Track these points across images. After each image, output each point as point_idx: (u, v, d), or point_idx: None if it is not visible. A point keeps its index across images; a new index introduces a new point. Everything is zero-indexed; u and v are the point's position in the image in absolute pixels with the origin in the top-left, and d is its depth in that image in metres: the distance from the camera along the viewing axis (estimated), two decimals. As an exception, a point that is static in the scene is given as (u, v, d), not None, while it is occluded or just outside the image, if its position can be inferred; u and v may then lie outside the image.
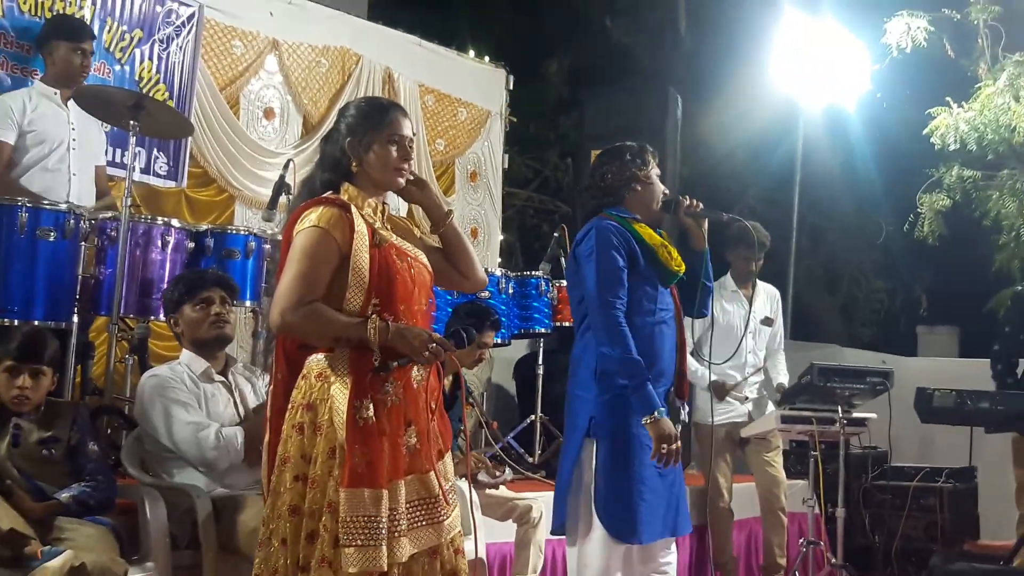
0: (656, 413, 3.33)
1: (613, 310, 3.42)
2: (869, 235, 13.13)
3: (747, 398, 5.69)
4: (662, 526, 3.46)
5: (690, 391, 3.79)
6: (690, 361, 5.49)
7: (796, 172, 9.03)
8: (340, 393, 2.70)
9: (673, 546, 3.55)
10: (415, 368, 2.81)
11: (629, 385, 3.37)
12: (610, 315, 3.41)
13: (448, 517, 2.81)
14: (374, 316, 2.71)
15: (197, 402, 3.75)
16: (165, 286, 4.49)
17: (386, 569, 2.62)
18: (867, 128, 10.92)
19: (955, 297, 12.62)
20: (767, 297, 5.88)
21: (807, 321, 11.85)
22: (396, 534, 2.66)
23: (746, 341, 5.66)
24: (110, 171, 5.42)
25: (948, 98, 8.93)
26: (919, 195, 9.64)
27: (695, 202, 3.68)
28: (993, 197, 9.29)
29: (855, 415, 5.22)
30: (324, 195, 2.87)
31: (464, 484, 4.03)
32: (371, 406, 2.68)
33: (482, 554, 4.30)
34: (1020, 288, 5.80)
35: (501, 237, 8.87)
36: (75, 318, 4.42)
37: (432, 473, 2.80)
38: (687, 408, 3.78)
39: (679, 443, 3.36)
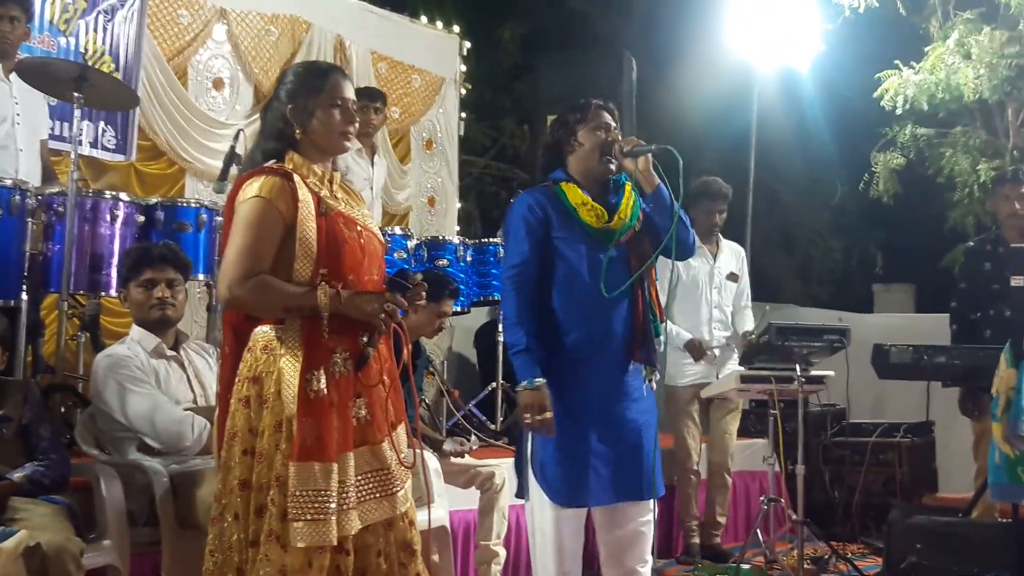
0: (526, 383, 3.29)
1: (509, 279, 3.40)
2: (824, 196, 13.23)
3: (714, 356, 5.70)
4: (619, 489, 3.38)
5: (659, 351, 3.67)
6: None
7: (751, 135, 9.03)
8: (289, 365, 2.65)
9: (647, 514, 3.44)
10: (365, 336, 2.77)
11: (511, 351, 3.36)
12: (505, 284, 3.42)
13: (402, 488, 2.78)
14: (323, 284, 2.66)
15: (152, 379, 3.70)
16: (116, 261, 4.42)
17: (335, 543, 2.59)
18: (821, 89, 10.96)
19: (910, 254, 12.76)
20: (732, 253, 5.90)
21: (765, 282, 11.89)
22: (345, 507, 2.62)
23: (710, 296, 5.68)
24: (55, 145, 5.31)
25: (897, 61, 8.99)
26: (873, 154, 9.73)
27: (626, 142, 3.46)
28: (946, 154, 9.38)
29: (813, 373, 5.25)
30: (266, 164, 2.81)
31: (425, 453, 4.02)
32: (323, 377, 2.64)
33: (445, 522, 4.30)
34: (972, 243, 5.84)
35: (459, 205, 8.83)
36: (24, 295, 4.34)
37: (384, 444, 2.76)
38: (654, 371, 3.62)
39: (549, 414, 3.28)
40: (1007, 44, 8.60)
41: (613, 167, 3.48)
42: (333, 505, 2.59)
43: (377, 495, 2.72)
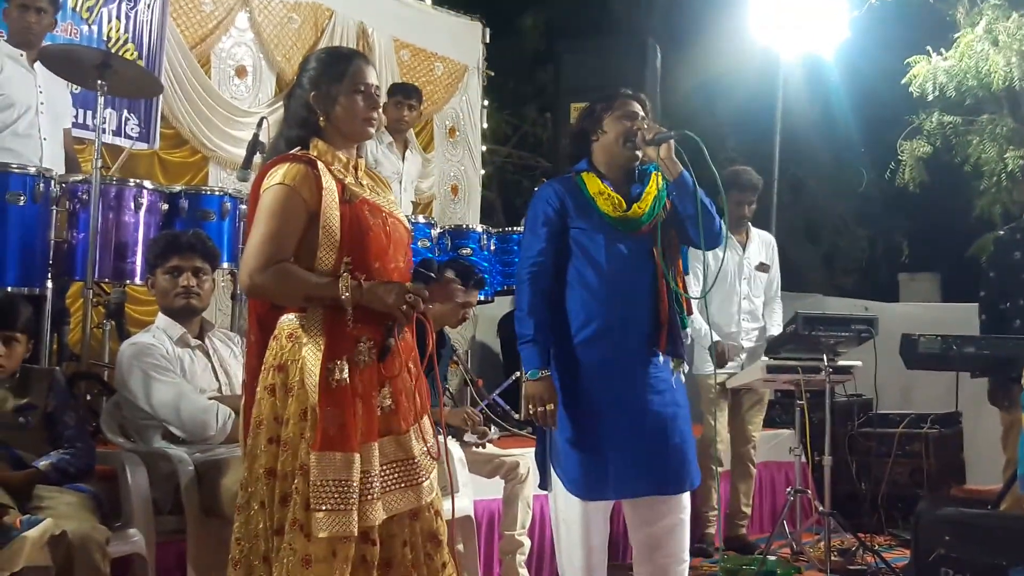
0: (530, 374, 3.28)
1: (524, 270, 3.39)
2: (849, 184, 13.12)
3: (743, 348, 5.64)
4: (644, 483, 3.33)
5: (686, 343, 3.62)
6: (696, 317, 5.42)
7: (776, 122, 8.96)
8: (312, 354, 2.63)
9: (680, 510, 3.39)
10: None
11: (519, 341, 3.35)
12: (521, 277, 3.40)
13: (427, 479, 2.76)
14: (346, 275, 2.63)
15: (177, 368, 3.69)
16: (140, 249, 4.42)
17: (356, 533, 2.57)
18: (846, 76, 10.87)
19: (936, 243, 12.64)
20: (761, 243, 5.83)
21: (790, 271, 11.76)
22: (369, 497, 2.60)
23: (739, 287, 5.63)
24: (79, 133, 5.31)
25: (928, 47, 8.89)
26: (899, 142, 9.63)
27: (648, 130, 3.38)
28: (973, 142, 9.27)
29: (840, 363, 5.20)
30: (291, 151, 2.79)
31: (449, 442, 4.00)
32: (346, 367, 2.62)
33: (470, 511, 4.29)
34: (1001, 232, 5.75)
35: (482, 194, 8.80)
36: (49, 283, 4.34)
37: (409, 434, 2.74)
38: (682, 363, 3.55)
39: (551, 405, 3.27)
40: (1035, 31, 8.49)
41: (638, 155, 3.43)
42: (355, 495, 2.56)
43: (402, 485, 2.70)
